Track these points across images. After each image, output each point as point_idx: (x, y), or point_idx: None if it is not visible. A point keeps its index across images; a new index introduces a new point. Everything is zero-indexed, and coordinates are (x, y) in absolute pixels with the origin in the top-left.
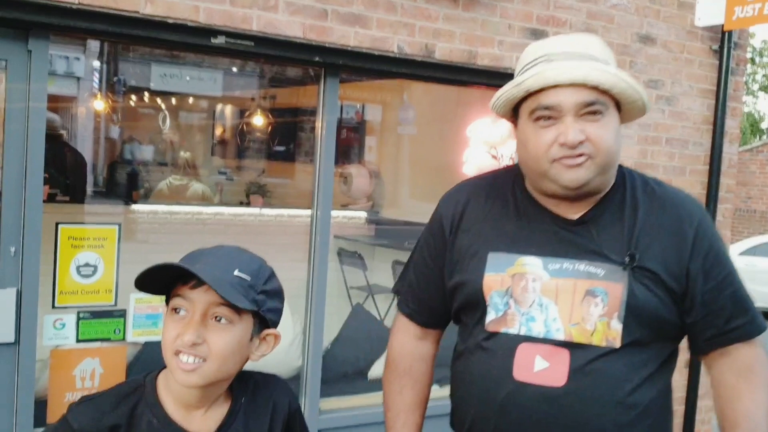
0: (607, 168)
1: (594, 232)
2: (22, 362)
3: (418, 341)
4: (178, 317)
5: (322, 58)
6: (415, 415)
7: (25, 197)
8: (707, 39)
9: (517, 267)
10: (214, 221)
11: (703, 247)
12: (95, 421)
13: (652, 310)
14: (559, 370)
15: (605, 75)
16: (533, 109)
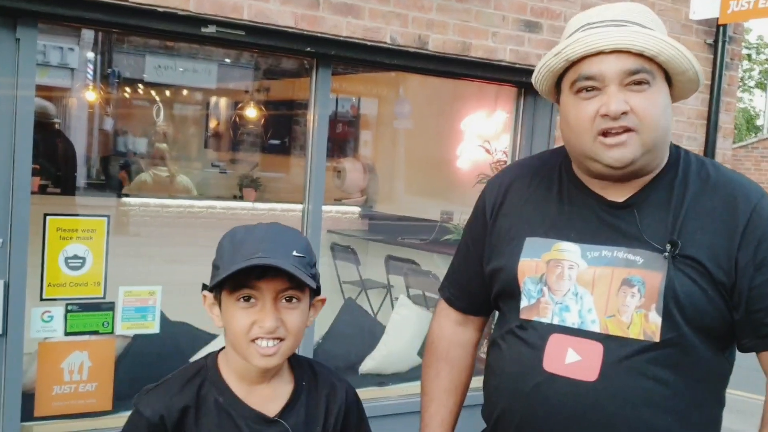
0: (655, 145)
1: (638, 216)
2: (9, 355)
3: (457, 326)
4: (246, 306)
5: (313, 48)
6: (449, 400)
7: (12, 188)
8: (702, 33)
9: (553, 253)
10: (206, 215)
11: (755, 235)
12: (165, 405)
13: (694, 302)
14: (592, 364)
15: (652, 40)
16: (574, 81)
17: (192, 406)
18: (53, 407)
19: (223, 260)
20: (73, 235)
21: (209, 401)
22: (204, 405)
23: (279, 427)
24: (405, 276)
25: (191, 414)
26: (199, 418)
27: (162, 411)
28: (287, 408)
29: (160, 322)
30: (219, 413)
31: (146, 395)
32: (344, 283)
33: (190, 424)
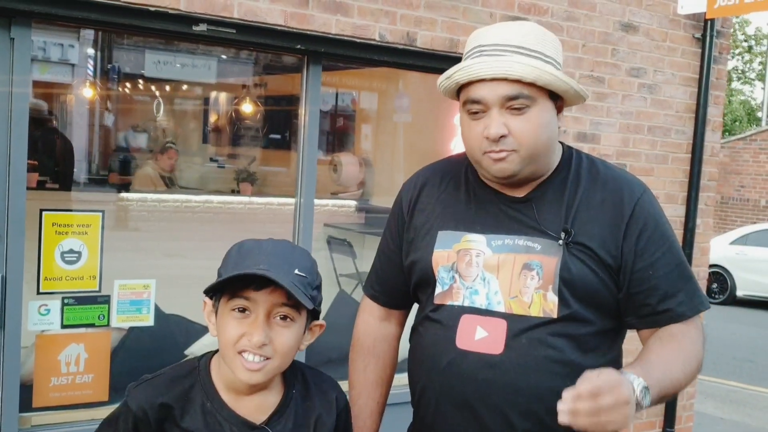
0: (536, 158)
1: (535, 208)
2: (7, 347)
3: (381, 322)
4: (240, 316)
5: (303, 45)
6: (377, 392)
7: (9, 184)
8: (690, 27)
9: (462, 243)
10: (202, 209)
11: (637, 225)
12: (149, 400)
13: (586, 283)
14: (497, 339)
15: (527, 68)
16: (464, 101)
17: (176, 406)
18: (51, 398)
19: (226, 268)
20: (68, 230)
21: (196, 403)
22: (191, 406)
23: None
24: None
25: (175, 413)
26: (184, 417)
27: (145, 405)
28: (275, 415)
29: (154, 315)
30: (205, 416)
31: (135, 388)
32: (341, 275)
33: (174, 421)
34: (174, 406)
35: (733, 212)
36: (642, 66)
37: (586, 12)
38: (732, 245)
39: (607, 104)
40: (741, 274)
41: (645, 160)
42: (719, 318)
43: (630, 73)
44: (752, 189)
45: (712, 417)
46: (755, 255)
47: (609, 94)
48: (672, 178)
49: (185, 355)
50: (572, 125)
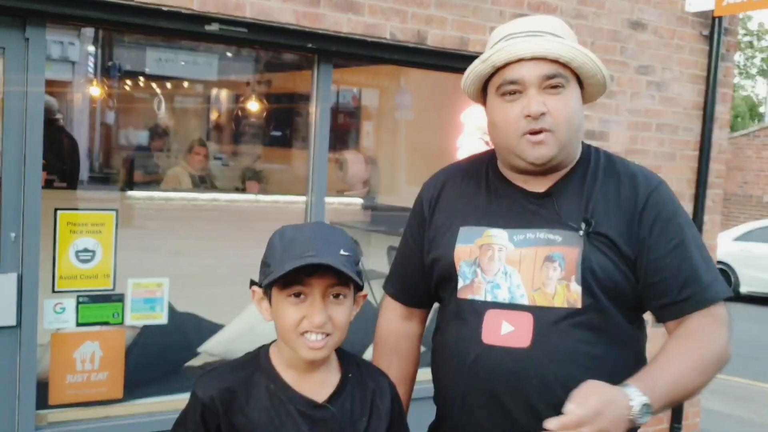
0: (569, 142)
1: (556, 203)
2: (24, 345)
3: (403, 320)
4: (296, 301)
5: (315, 44)
6: (401, 390)
7: (24, 183)
8: (697, 25)
9: (484, 238)
10: (210, 207)
11: (650, 216)
12: (215, 386)
13: (607, 273)
14: (524, 333)
15: (565, 47)
16: (499, 85)
17: (240, 390)
18: (66, 395)
19: (274, 258)
20: (83, 229)
21: (260, 387)
22: (254, 390)
23: (326, 412)
24: None
25: (241, 397)
26: (249, 402)
27: (213, 393)
28: (335, 395)
29: (168, 313)
30: (270, 398)
31: (201, 378)
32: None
33: (240, 406)
34: (238, 391)
35: (736, 208)
36: (650, 63)
37: (595, 9)
38: (736, 242)
39: (616, 102)
40: (745, 271)
41: (653, 157)
42: None
43: (638, 70)
44: (755, 185)
45: (719, 413)
46: (759, 251)
47: (618, 92)
48: (680, 176)
49: (198, 353)
50: None
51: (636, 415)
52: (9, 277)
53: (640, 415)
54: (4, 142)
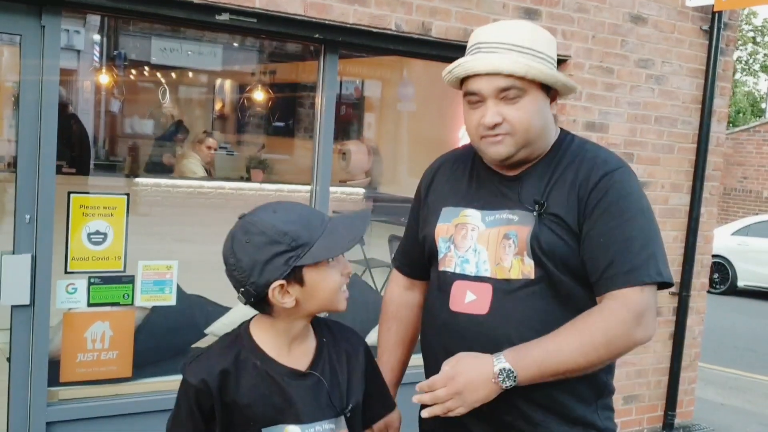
0: (530, 142)
1: (521, 186)
2: (36, 324)
3: (405, 291)
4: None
5: (322, 34)
6: (399, 351)
7: (39, 167)
8: (697, 19)
9: (460, 218)
10: (215, 195)
11: (598, 195)
12: (207, 370)
13: (554, 248)
14: (484, 301)
15: (516, 65)
16: (465, 93)
17: (231, 370)
18: (77, 373)
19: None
20: (95, 212)
21: (248, 365)
22: (243, 369)
23: (312, 378)
24: None
25: (232, 377)
26: (240, 380)
27: (205, 377)
28: (314, 362)
29: (176, 295)
30: (258, 374)
31: (189, 365)
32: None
33: (231, 385)
34: (231, 371)
35: (735, 203)
36: (650, 57)
37: (597, 4)
38: (733, 236)
39: (616, 94)
40: (742, 265)
41: (652, 149)
42: (720, 308)
43: (638, 64)
44: (755, 180)
45: (713, 403)
46: (756, 246)
47: (618, 85)
48: (678, 168)
49: (205, 334)
50: (581, 114)
51: (497, 378)
52: (23, 257)
53: (502, 380)
54: (20, 126)
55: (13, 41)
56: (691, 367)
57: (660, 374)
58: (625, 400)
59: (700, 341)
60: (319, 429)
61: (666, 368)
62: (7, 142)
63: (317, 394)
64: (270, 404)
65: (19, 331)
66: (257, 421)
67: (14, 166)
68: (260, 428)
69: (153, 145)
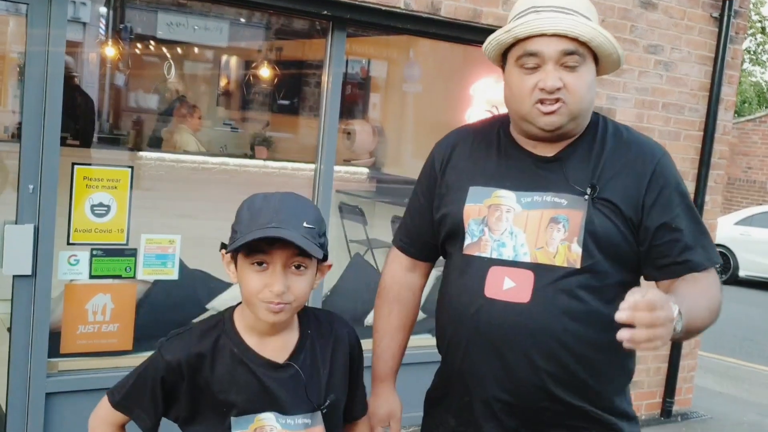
0: (580, 114)
1: (563, 167)
2: (38, 295)
3: (407, 272)
4: (259, 269)
5: (330, 11)
6: (399, 336)
7: (43, 138)
8: (708, 6)
9: (493, 199)
10: (219, 171)
11: (658, 184)
12: (184, 351)
13: (609, 236)
14: (525, 289)
15: (586, 28)
16: (519, 56)
17: (208, 355)
18: (77, 345)
19: (240, 225)
20: (98, 184)
21: (225, 351)
22: (220, 354)
23: (289, 370)
24: None
25: (207, 361)
26: (215, 365)
27: (181, 356)
28: (294, 354)
29: (179, 270)
30: (234, 362)
31: (167, 341)
32: (351, 242)
33: (206, 370)
34: (207, 355)
35: (740, 193)
36: (659, 43)
37: None
38: (736, 226)
39: (624, 80)
40: (744, 255)
41: (658, 136)
42: None
43: (647, 49)
44: (759, 171)
45: (711, 391)
46: (759, 236)
47: (626, 70)
48: (683, 155)
49: (207, 309)
50: None
51: (676, 318)
52: (26, 227)
53: (677, 322)
54: (26, 97)
55: (19, 11)
56: (691, 356)
57: (659, 361)
58: None
59: None
60: (291, 422)
61: (666, 356)
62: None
63: (294, 387)
64: (243, 393)
65: (20, 302)
66: (229, 408)
67: (18, 137)
68: (231, 416)
69: (157, 119)
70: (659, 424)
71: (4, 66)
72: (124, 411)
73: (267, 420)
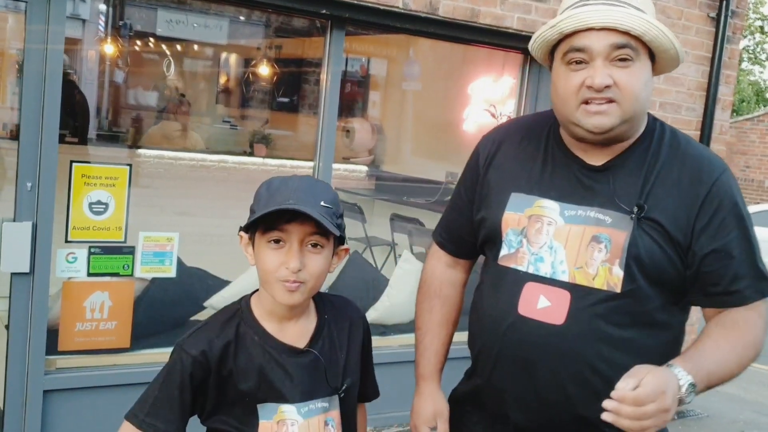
0: (633, 116)
1: (612, 179)
2: (36, 292)
3: (447, 268)
4: (275, 247)
5: (328, 10)
6: (442, 332)
7: (41, 135)
8: (705, 6)
9: (534, 209)
10: (217, 168)
11: (712, 205)
12: (209, 344)
13: (653, 260)
14: (560, 310)
15: (638, 20)
16: (565, 52)
17: (232, 342)
18: (75, 342)
19: (258, 204)
20: (96, 182)
21: (247, 339)
22: (242, 342)
23: (309, 355)
24: (409, 235)
25: (231, 349)
26: (238, 353)
27: (204, 347)
28: (313, 340)
29: (176, 267)
30: (256, 349)
31: (189, 338)
32: (350, 239)
33: (230, 359)
34: (231, 344)
35: None
36: None
37: None
38: None
39: None
40: None
41: None
42: None
43: None
44: (757, 170)
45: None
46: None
47: None
48: None
49: (204, 307)
50: None
51: (684, 394)
52: (24, 225)
53: (687, 394)
54: (24, 94)
55: (18, 8)
56: None
57: None
58: None
59: (696, 328)
60: (312, 407)
61: None
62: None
63: (314, 372)
64: (266, 380)
65: (18, 299)
66: (252, 397)
67: (17, 134)
68: (255, 405)
69: (156, 117)
70: None
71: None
72: (151, 430)
73: (288, 413)
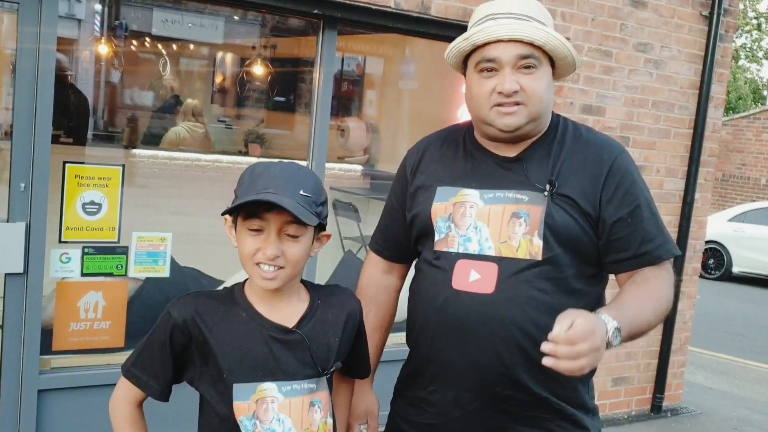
0: (539, 115)
1: (524, 166)
2: (30, 292)
3: (383, 274)
4: (255, 234)
5: (320, 10)
6: (376, 336)
7: (34, 136)
8: (698, 5)
9: (458, 197)
10: (212, 168)
11: (615, 179)
12: (194, 310)
13: (567, 229)
14: (489, 281)
15: (539, 32)
16: (478, 62)
17: (219, 315)
18: (69, 342)
19: (240, 190)
20: (90, 183)
21: (233, 315)
22: (229, 316)
23: (296, 336)
24: None
25: (216, 321)
26: (223, 325)
27: (187, 316)
28: (302, 321)
29: (170, 267)
30: (242, 325)
31: (177, 300)
32: (345, 238)
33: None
34: (215, 313)
35: (733, 190)
36: (649, 41)
37: None
38: (730, 222)
39: (614, 78)
40: (737, 251)
41: (648, 134)
42: (714, 293)
43: (637, 48)
44: (753, 167)
45: (702, 386)
46: (752, 232)
47: (615, 68)
48: (673, 153)
49: None
50: (578, 97)
51: (611, 337)
52: (17, 225)
53: (614, 338)
54: (17, 95)
55: (11, 8)
56: (681, 351)
57: (650, 357)
58: (614, 382)
59: (690, 325)
60: (296, 387)
61: (656, 351)
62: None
63: (300, 353)
64: (249, 356)
65: (12, 300)
66: (232, 373)
67: (10, 135)
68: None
69: (151, 117)
70: (649, 419)
71: None
72: (133, 379)
73: (269, 391)
